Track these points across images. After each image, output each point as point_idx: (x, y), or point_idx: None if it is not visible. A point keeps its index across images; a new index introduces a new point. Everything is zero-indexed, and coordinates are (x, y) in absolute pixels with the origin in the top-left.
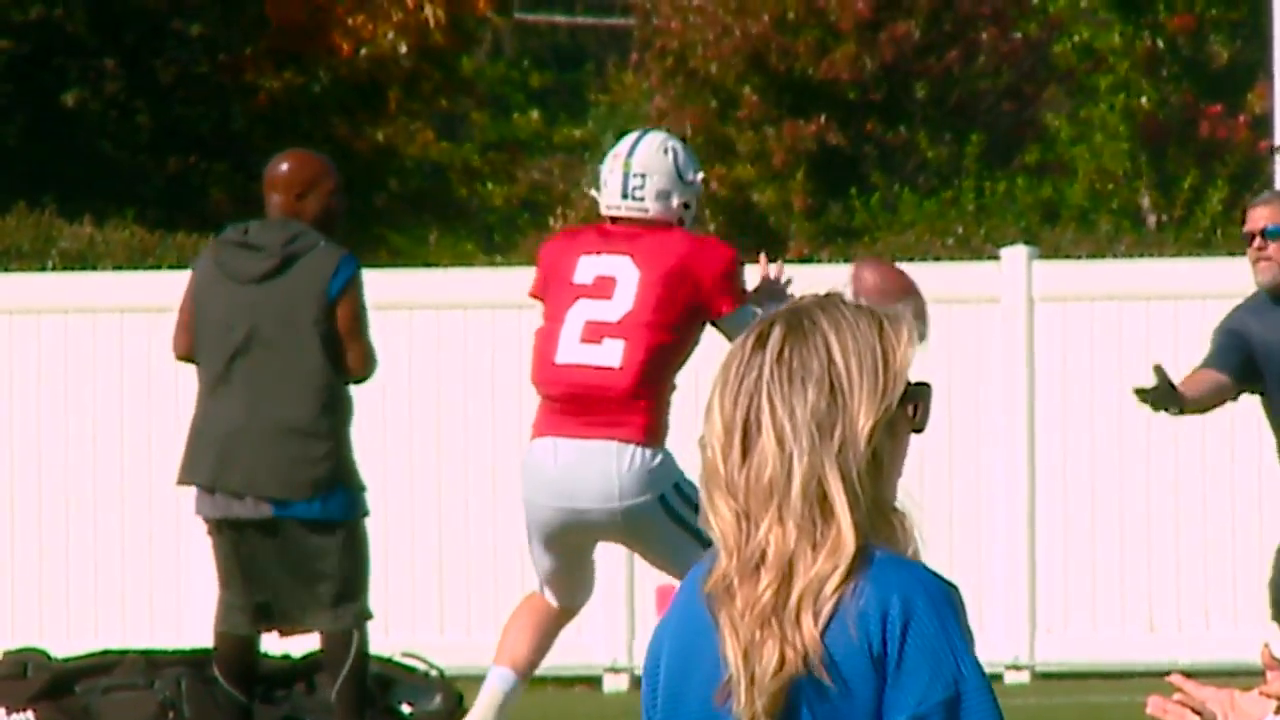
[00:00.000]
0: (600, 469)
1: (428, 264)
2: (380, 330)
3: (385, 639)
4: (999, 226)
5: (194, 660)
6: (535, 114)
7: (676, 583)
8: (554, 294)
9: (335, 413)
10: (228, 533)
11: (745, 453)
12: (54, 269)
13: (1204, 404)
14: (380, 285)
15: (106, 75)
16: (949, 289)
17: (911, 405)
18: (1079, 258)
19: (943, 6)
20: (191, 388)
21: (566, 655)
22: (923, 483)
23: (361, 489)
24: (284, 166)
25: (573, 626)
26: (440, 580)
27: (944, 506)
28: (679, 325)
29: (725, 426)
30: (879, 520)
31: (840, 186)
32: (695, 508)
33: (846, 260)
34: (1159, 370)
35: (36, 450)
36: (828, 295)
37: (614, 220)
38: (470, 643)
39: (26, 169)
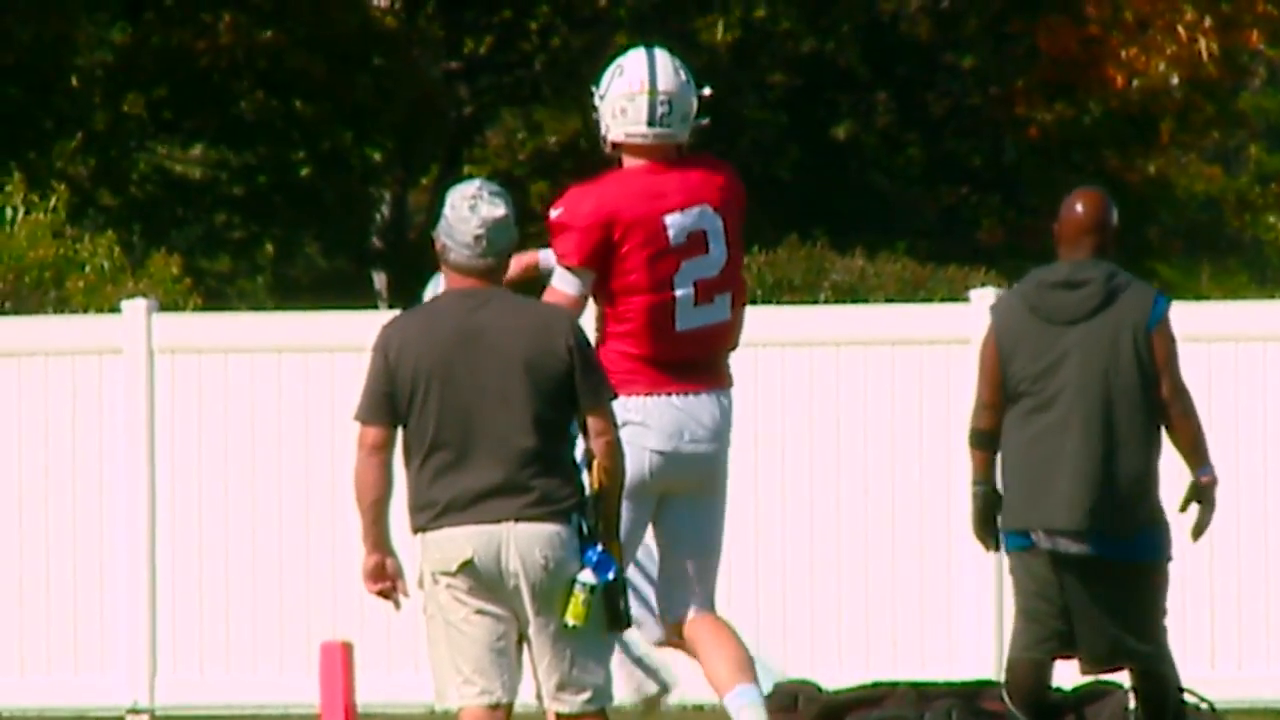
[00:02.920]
0: (710, 413)
1: (1199, 297)
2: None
3: None
4: None
5: (964, 692)
6: None
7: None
8: (646, 258)
9: (1156, 448)
10: (1046, 564)
11: None
12: (825, 301)
13: None
14: None
15: (878, 108)
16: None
17: None
18: None
19: None
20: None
21: None
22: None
23: (1168, 528)
24: (1079, 206)
25: None
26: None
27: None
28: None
29: None
30: None
31: None
32: None
33: None
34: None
35: (782, 479)
36: None
37: (617, 146)
38: (1241, 677)
39: (798, 201)
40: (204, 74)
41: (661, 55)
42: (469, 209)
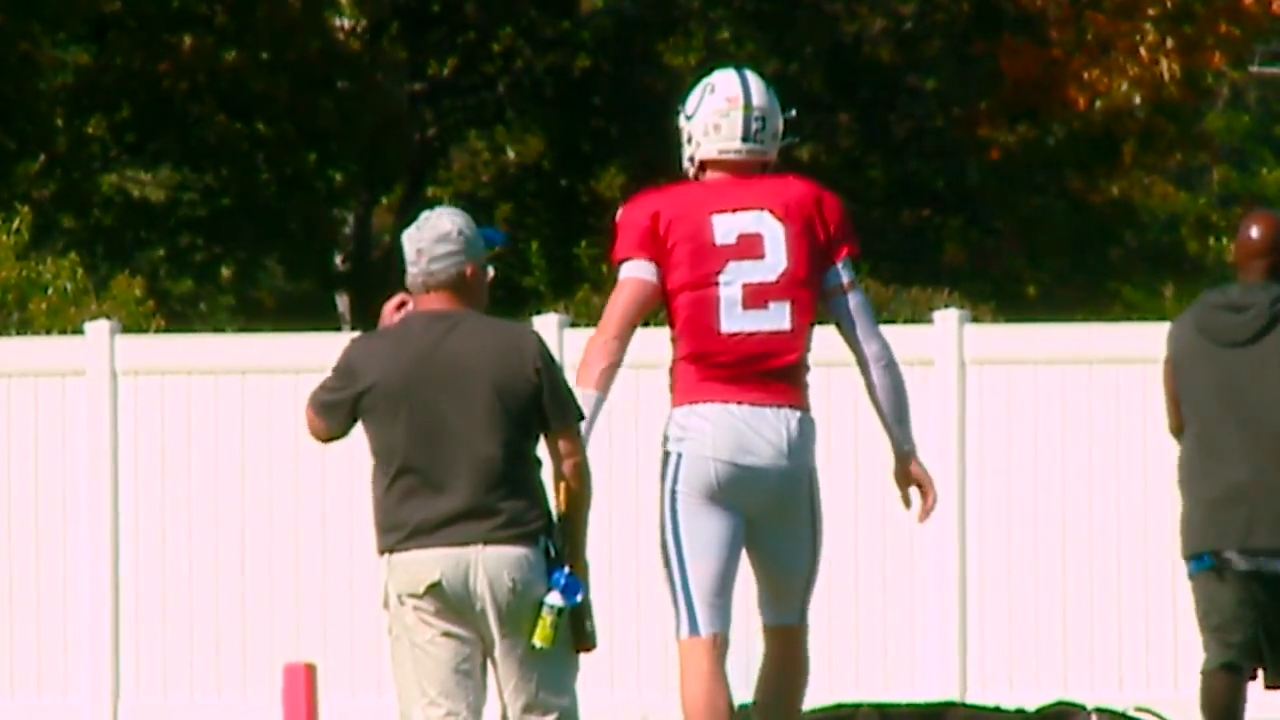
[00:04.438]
0: (776, 428)
1: (1162, 318)
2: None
3: (1119, 693)
4: None
5: (928, 713)
6: None
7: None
8: (689, 254)
9: None
10: (1238, 583)
11: None
12: None
13: None
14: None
15: (840, 130)
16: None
17: None
18: None
19: None
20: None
21: None
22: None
23: None
24: (1254, 230)
25: None
26: None
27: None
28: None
29: None
30: None
31: None
32: None
33: None
34: None
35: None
36: None
37: (705, 166)
38: None
39: None
40: (167, 96)
41: (751, 74)
42: (416, 227)
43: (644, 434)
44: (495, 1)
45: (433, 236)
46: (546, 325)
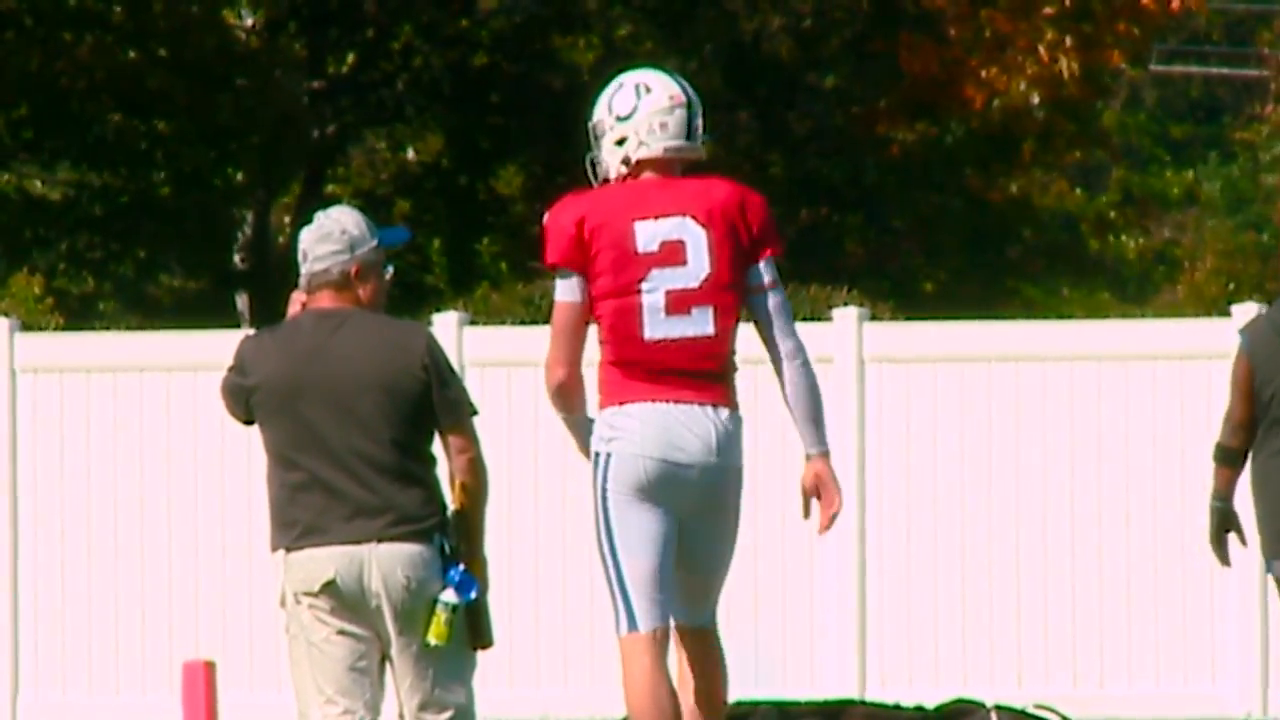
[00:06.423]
0: (702, 424)
1: (1061, 315)
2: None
3: (1018, 690)
4: None
5: (827, 711)
6: (1186, 173)
7: None
8: (611, 261)
9: None
10: None
11: None
12: None
13: None
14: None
15: (739, 128)
16: None
17: None
18: None
19: None
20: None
21: None
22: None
23: None
24: None
25: None
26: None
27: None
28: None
29: None
30: None
31: None
32: None
33: None
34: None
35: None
36: None
37: (636, 166)
38: (1102, 695)
39: None
40: (64, 95)
41: (673, 76)
42: (306, 227)
43: (543, 433)
44: None
45: (315, 236)
46: (446, 323)
